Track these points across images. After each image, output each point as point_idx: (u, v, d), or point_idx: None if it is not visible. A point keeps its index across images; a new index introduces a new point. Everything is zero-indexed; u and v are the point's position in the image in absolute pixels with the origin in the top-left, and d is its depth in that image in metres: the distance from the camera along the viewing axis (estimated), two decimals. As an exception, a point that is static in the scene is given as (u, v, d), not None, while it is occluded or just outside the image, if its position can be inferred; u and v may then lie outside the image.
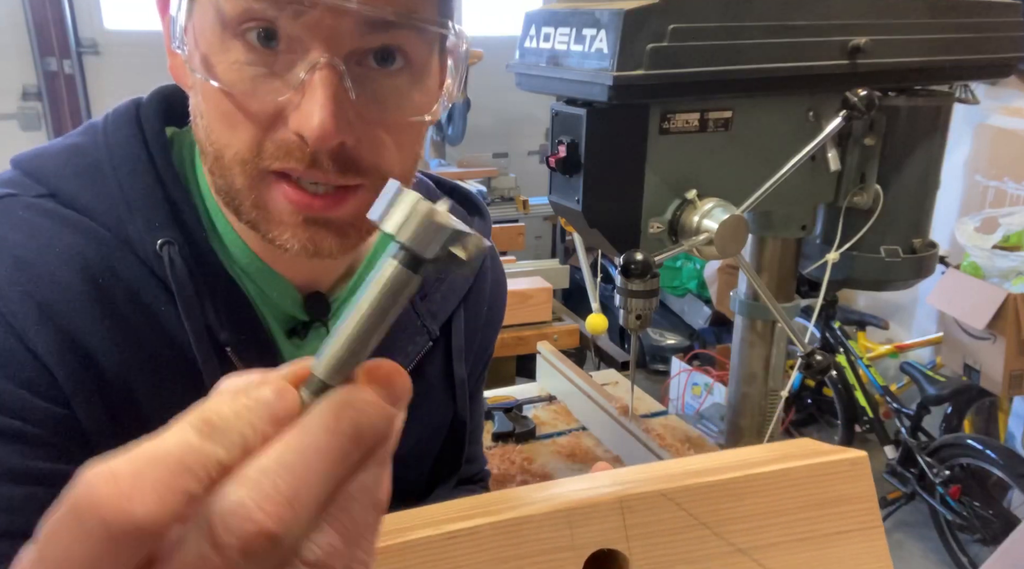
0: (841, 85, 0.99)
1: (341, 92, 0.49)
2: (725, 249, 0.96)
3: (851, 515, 0.48)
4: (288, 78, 0.50)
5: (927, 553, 2.89)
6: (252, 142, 0.51)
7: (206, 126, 0.54)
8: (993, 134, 3.13)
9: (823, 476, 0.48)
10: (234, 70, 0.50)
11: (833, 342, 3.06)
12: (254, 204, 0.54)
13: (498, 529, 0.45)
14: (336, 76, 0.49)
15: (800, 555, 0.48)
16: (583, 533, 0.46)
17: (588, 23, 0.91)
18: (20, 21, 3.94)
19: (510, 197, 3.85)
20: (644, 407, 1.60)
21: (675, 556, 0.47)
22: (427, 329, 0.72)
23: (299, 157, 0.51)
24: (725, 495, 0.47)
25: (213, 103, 0.52)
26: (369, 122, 0.52)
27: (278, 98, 0.50)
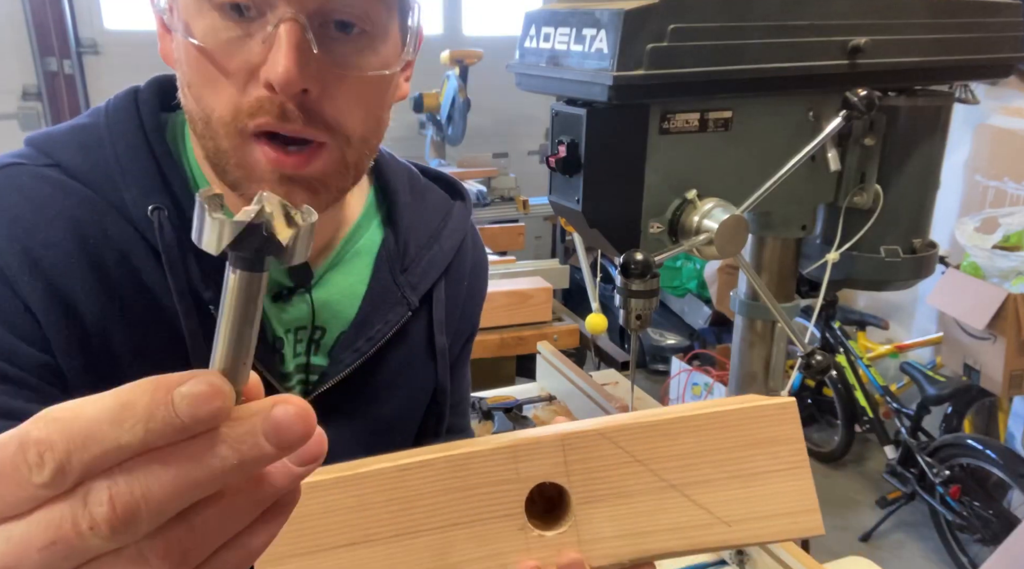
0: (841, 85, 0.99)
1: (304, 44, 0.54)
2: (725, 249, 0.96)
3: (780, 455, 0.51)
4: (258, 37, 0.55)
5: (927, 553, 2.89)
6: (231, 103, 0.56)
7: (195, 94, 0.59)
8: (993, 134, 3.13)
9: (753, 419, 0.51)
10: (211, 34, 0.55)
11: (833, 342, 3.06)
12: (237, 164, 0.59)
13: (449, 462, 0.48)
14: (299, 29, 0.54)
15: (729, 491, 0.50)
16: (527, 467, 0.49)
17: (588, 23, 0.91)
18: (20, 21, 3.94)
19: (510, 197, 3.85)
20: (644, 407, 1.60)
21: (611, 489, 0.50)
22: (407, 300, 0.76)
23: (269, 110, 0.56)
24: (659, 434, 0.50)
25: (197, 69, 0.57)
26: (331, 77, 0.57)
27: (250, 56, 0.55)
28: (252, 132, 0.57)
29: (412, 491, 0.48)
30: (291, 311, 0.71)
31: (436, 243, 0.80)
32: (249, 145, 0.58)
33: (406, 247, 0.78)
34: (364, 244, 0.77)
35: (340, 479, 0.47)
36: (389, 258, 0.76)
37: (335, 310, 0.74)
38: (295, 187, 0.59)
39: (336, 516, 0.47)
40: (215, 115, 0.57)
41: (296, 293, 0.71)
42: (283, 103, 0.55)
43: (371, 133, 0.63)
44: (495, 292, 2.09)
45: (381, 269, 0.76)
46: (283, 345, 0.71)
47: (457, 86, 3.75)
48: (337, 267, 0.75)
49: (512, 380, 2.19)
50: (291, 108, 0.56)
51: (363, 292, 0.75)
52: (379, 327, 0.74)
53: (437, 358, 0.81)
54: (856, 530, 3.00)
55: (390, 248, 0.77)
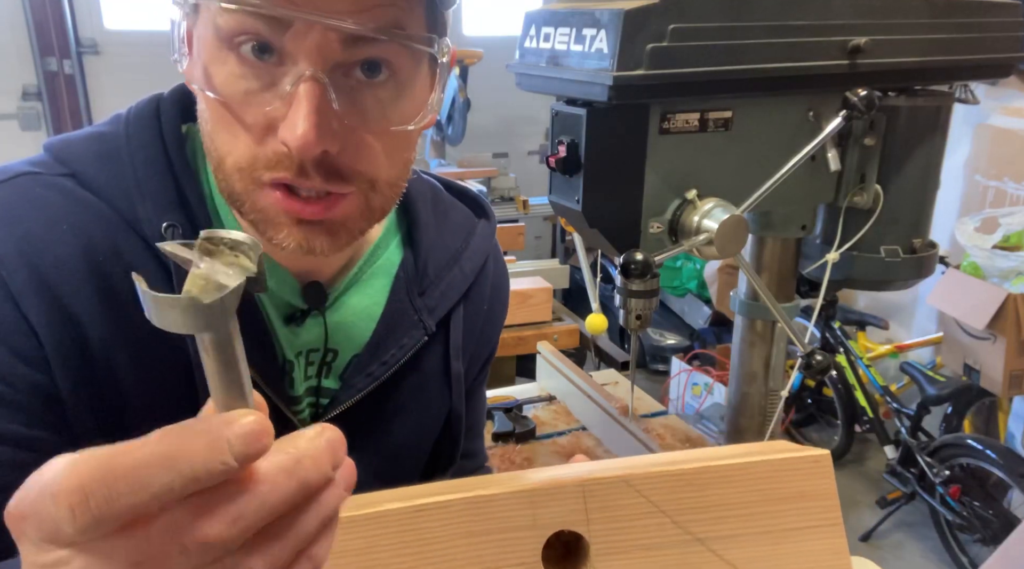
0: (841, 85, 0.99)
1: (324, 103, 0.52)
2: (725, 249, 0.96)
3: (812, 512, 0.49)
4: (277, 90, 0.53)
5: (927, 553, 2.89)
6: (247, 152, 0.55)
7: (210, 133, 0.57)
8: (993, 134, 3.13)
9: (785, 471, 0.49)
10: (230, 82, 0.53)
11: (833, 342, 3.06)
12: (252, 207, 0.57)
13: (465, 505, 0.46)
14: (319, 88, 0.52)
15: (758, 548, 0.48)
16: (545, 514, 0.47)
17: (588, 23, 0.91)
18: (20, 21, 3.94)
19: (510, 197, 3.85)
20: (644, 407, 1.60)
21: (633, 541, 0.47)
22: (423, 324, 0.74)
23: (288, 166, 0.54)
24: (686, 485, 0.48)
25: (214, 112, 0.55)
26: (353, 130, 0.55)
27: (267, 110, 0.53)
28: (268, 182, 0.56)
29: (425, 534, 0.46)
30: (303, 335, 0.69)
31: (456, 265, 0.78)
32: (264, 191, 0.56)
33: (425, 269, 0.75)
34: (382, 265, 0.74)
35: (350, 519, 0.45)
36: (407, 280, 0.74)
37: (349, 333, 0.72)
38: (315, 231, 0.57)
39: (343, 559, 0.44)
40: (230, 160, 0.56)
41: (310, 315, 0.69)
42: (302, 162, 0.54)
43: (398, 177, 0.61)
44: (495, 292, 2.09)
45: (398, 291, 0.74)
46: (293, 368, 0.69)
47: (457, 86, 3.75)
48: (354, 288, 0.72)
49: (512, 380, 2.19)
50: (309, 167, 0.54)
51: (379, 314, 0.73)
52: (394, 351, 0.72)
53: (452, 384, 0.79)
54: (856, 530, 3.00)
55: (408, 270, 0.75)
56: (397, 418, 0.76)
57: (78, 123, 4.05)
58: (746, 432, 1.31)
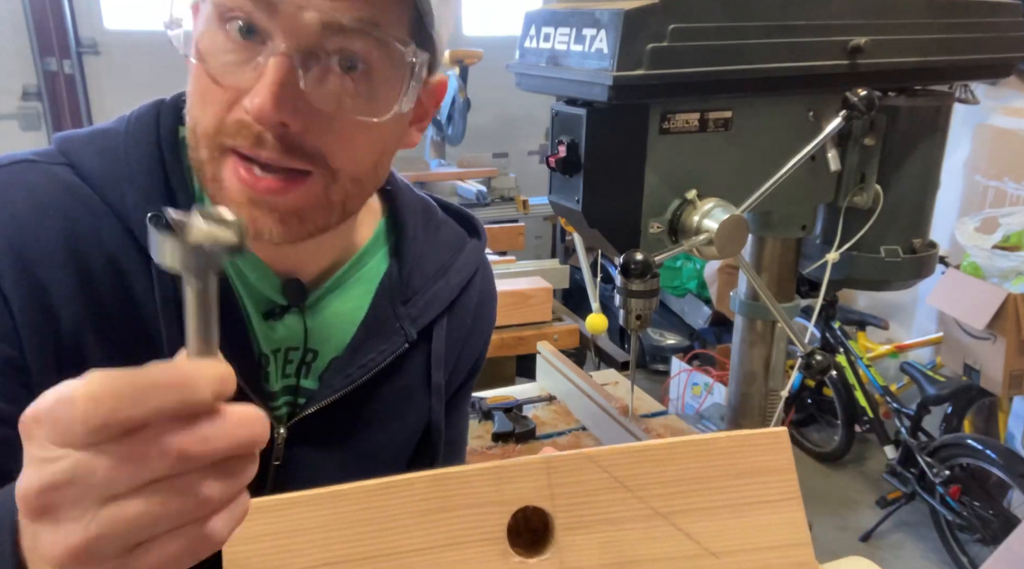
0: (841, 85, 0.99)
1: (290, 79, 0.55)
2: (725, 249, 0.96)
3: (770, 485, 0.50)
4: (252, 64, 0.56)
5: (927, 553, 2.89)
6: (216, 118, 0.58)
7: (190, 104, 0.60)
8: (993, 134, 3.13)
9: (744, 447, 0.50)
10: (212, 54, 0.57)
11: (833, 342, 3.06)
12: (212, 177, 0.59)
13: (430, 481, 0.47)
14: (288, 64, 0.55)
15: (719, 521, 0.49)
16: (510, 489, 0.48)
17: (588, 23, 0.91)
18: (20, 21, 3.94)
19: (510, 197, 3.85)
20: (644, 407, 1.60)
21: (596, 516, 0.48)
22: (404, 332, 0.76)
23: (246, 135, 0.56)
24: (648, 460, 0.49)
25: (195, 82, 0.59)
26: (318, 112, 0.57)
27: (240, 80, 0.56)
28: (228, 148, 0.58)
29: (390, 511, 0.46)
30: (280, 330, 0.71)
31: (443, 277, 0.79)
32: (224, 158, 0.58)
33: (410, 279, 0.77)
34: (367, 272, 0.76)
35: (315, 496, 0.46)
36: (391, 288, 0.76)
37: (329, 334, 0.73)
38: (265, 214, 0.59)
39: (308, 534, 0.45)
40: (200, 126, 0.59)
41: (289, 312, 0.71)
42: (261, 131, 0.56)
43: (364, 175, 0.63)
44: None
45: (381, 298, 0.75)
46: (269, 363, 0.71)
47: (457, 86, 3.75)
48: (337, 291, 0.74)
49: (512, 380, 2.19)
50: (268, 137, 0.56)
51: (360, 319, 0.74)
52: (373, 356, 0.74)
53: (432, 394, 0.80)
54: (856, 530, 3.00)
55: (393, 278, 0.76)
56: (376, 423, 0.77)
57: (78, 123, 4.05)
58: (746, 432, 1.31)
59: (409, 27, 0.58)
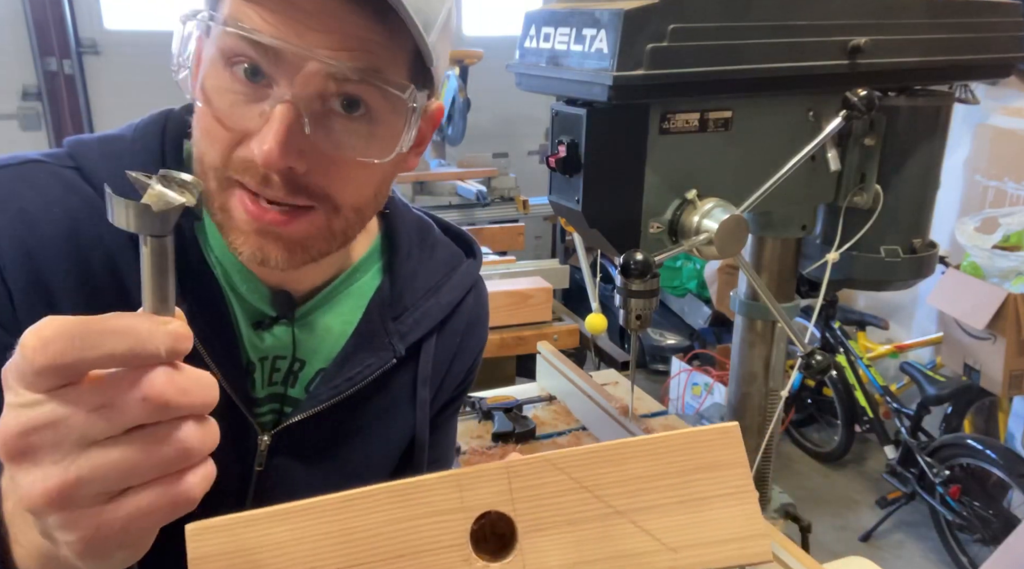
0: (841, 85, 0.99)
1: (296, 126, 0.57)
2: (725, 249, 0.96)
3: (724, 480, 0.51)
4: (258, 107, 0.59)
5: (927, 553, 2.89)
6: (222, 154, 0.60)
7: (196, 136, 0.63)
8: (993, 134, 3.13)
9: (696, 443, 0.51)
10: (219, 94, 0.59)
11: (833, 342, 3.06)
12: (220, 207, 0.62)
13: (391, 492, 0.48)
14: (293, 112, 0.57)
15: (676, 517, 0.50)
16: (471, 496, 0.49)
17: (588, 23, 0.91)
18: (20, 21, 3.94)
19: (510, 197, 3.85)
20: (644, 407, 1.60)
21: (558, 517, 0.49)
22: (393, 347, 0.77)
23: (253, 174, 0.59)
24: (605, 461, 0.50)
25: (202, 118, 0.62)
26: (322, 155, 0.60)
27: (247, 121, 0.59)
28: (235, 181, 0.61)
29: (354, 523, 0.47)
30: (268, 339, 0.72)
31: (434, 296, 0.81)
32: (232, 190, 0.61)
33: (401, 296, 0.78)
34: (359, 287, 0.78)
35: (280, 511, 0.46)
36: (381, 304, 0.77)
37: (318, 345, 0.75)
38: (272, 242, 0.62)
39: (275, 550, 0.46)
40: (207, 159, 0.61)
41: (278, 323, 0.72)
42: (267, 173, 0.59)
43: (365, 205, 0.66)
44: (495, 292, 2.09)
45: (372, 313, 0.77)
46: (255, 370, 0.72)
47: (457, 86, 3.75)
48: (328, 305, 0.76)
49: (512, 380, 2.19)
50: (275, 178, 0.59)
51: (350, 332, 0.76)
52: (360, 369, 0.75)
53: (417, 411, 0.82)
54: (856, 530, 3.00)
55: (384, 295, 0.78)
56: (360, 437, 0.78)
57: (78, 123, 4.04)
58: (746, 432, 1.31)
59: (409, 69, 0.61)
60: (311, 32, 0.56)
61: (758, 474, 1.27)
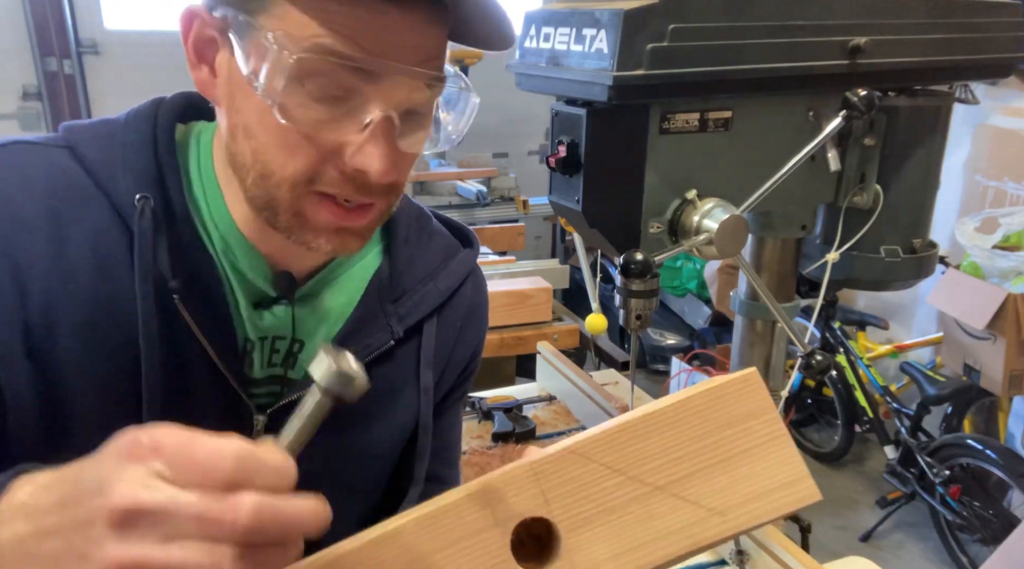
0: (841, 85, 0.99)
1: (394, 138, 0.61)
2: (725, 249, 0.96)
3: (754, 430, 0.49)
4: (350, 122, 0.60)
5: (927, 553, 2.89)
6: (309, 169, 0.62)
7: (256, 148, 0.63)
8: (993, 134, 3.13)
9: (718, 399, 0.49)
10: (300, 111, 0.59)
11: (833, 342, 3.06)
12: (294, 215, 0.64)
13: (420, 525, 0.45)
14: (392, 127, 0.61)
15: (715, 479, 0.48)
16: (503, 508, 0.46)
17: (588, 23, 0.91)
18: (20, 21, 3.94)
19: (510, 197, 3.85)
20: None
21: (596, 508, 0.47)
22: (391, 329, 0.77)
23: (350, 185, 0.62)
24: (630, 438, 0.48)
25: (273, 130, 0.61)
26: (400, 159, 0.64)
27: (341, 135, 0.60)
28: (318, 191, 0.63)
29: (386, 565, 0.45)
30: (268, 319, 0.72)
31: (432, 281, 0.82)
32: (309, 200, 0.63)
33: (400, 279, 0.79)
34: (359, 269, 0.78)
35: (309, 565, 0.44)
36: (380, 286, 0.78)
37: (317, 325, 0.75)
38: (348, 235, 0.66)
39: None
40: (284, 173, 0.62)
41: (278, 303, 0.73)
42: (368, 184, 0.62)
43: (404, 186, 0.71)
44: (495, 292, 2.09)
45: (371, 295, 0.78)
46: (254, 349, 0.72)
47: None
48: (328, 286, 0.76)
49: (512, 380, 2.19)
50: (374, 185, 0.62)
51: (348, 314, 0.76)
52: (358, 349, 0.75)
53: (421, 394, 0.81)
54: (856, 530, 3.00)
55: (383, 277, 0.79)
56: (361, 420, 0.78)
57: (78, 123, 4.04)
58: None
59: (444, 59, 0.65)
60: (399, 50, 0.59)
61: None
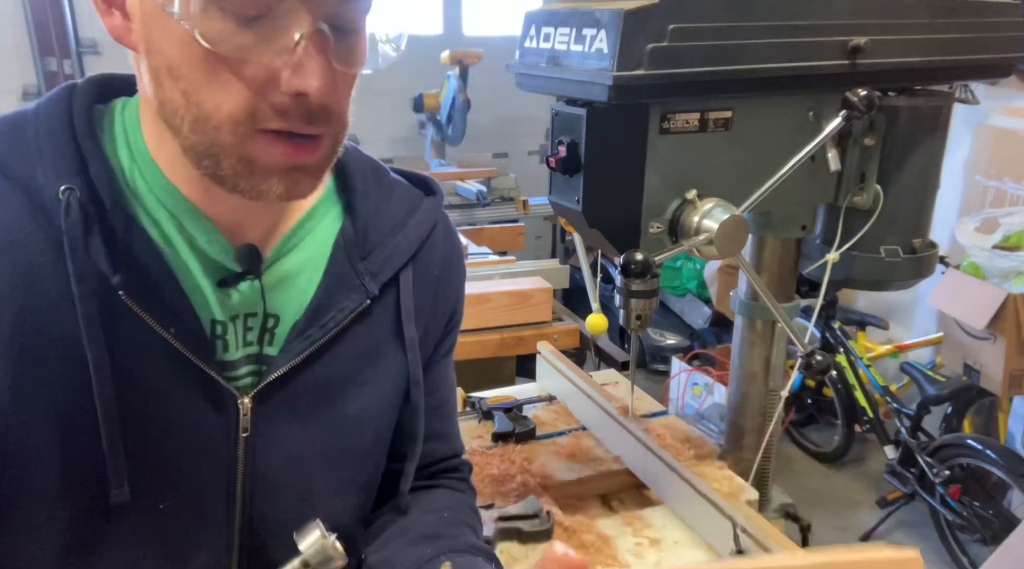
0: (841, 85, 0.99)
1: (326, 53, 0.57)
2: (725, 249, 0.96)
3: None
4: (278, 44, 0.56)
5: (927, 553, 2.89)
6: (246, 104, 0.57)
7: (186, 88, 0.58)
8: (993, 134, 3.13)
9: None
10: (223, 38, 0.55)
11: (833, 342, 3.06)
12: (240, 159, 0.59)
13: None
14: (325, 40, 0.57)
15: None
16: None
17: (588, 23, 0.91)
18: (20, 21, 3.94)
19: (510, 197, 3.85)
20: (644, 407, 1.60)
21: None
22: (365, 288, 0.74)
23: (295, 114, 0.58)
24: None
25: (199, 64, 0.56)
26: (338, 78, 0.60)
27: (270, 63, 0.56)
28: (265, 130, 0.58)
29: None
30: (235, 296, 0.69)
31: (401, 232, 0.78)
32: (255, 142, 0.59)
33: (366, 234, 0.76)
34: (321, 232, 0.74)
35: None
36: (347, 245, 0.74)
37: (288, 297, 0.72)
38: (300, 175, 0.61)
39: None
40: (221, 113, 0.57)
41: (244, 279, 0.69)
42: (310, 107, 0.58)
43: (348, 121, 0.66)
44: (495, 292, 2.09)
45: (338, 256, 0.74)
46: (226, 331, 0.69)
47: (457, 86, 3.75)
48: (291, 253, 0.72)
49: (512, 380, 2.19)
50: (316, 112, 0.59)
51: (318, 279, 0.73)
52: (333, 314, 0.72)
53: (407, 349, 0.78)
54: (856, 530, 3.00)
55: (348, 236, 0.75)
56: (350, 387, 0.75)
57: (78, 123, 4.04)
58: (746, 432, 1.31)
59: None
60: None
61: (758, 474, 1.27)
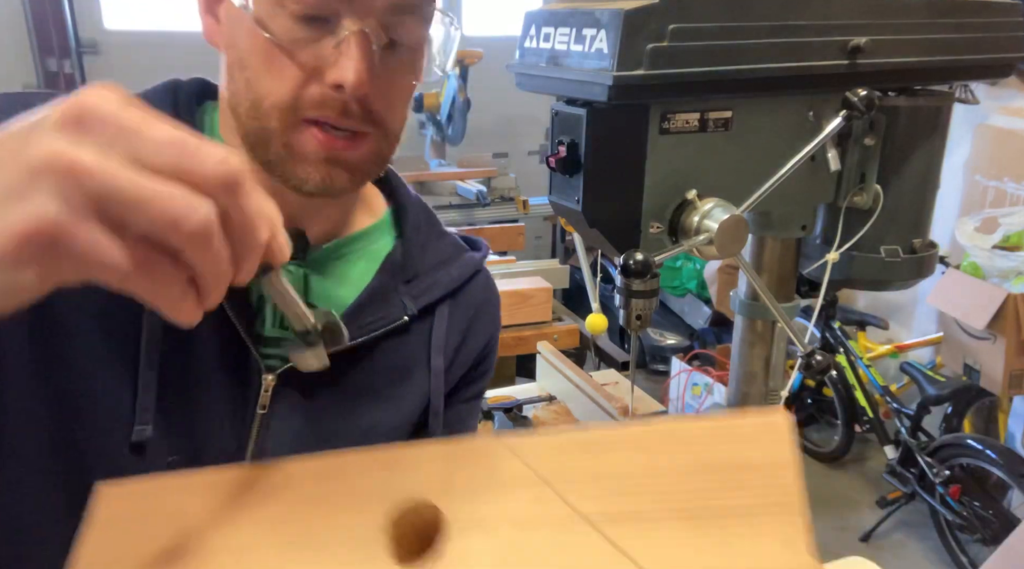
0: (841, 85, 0.99)
1: (370, 53, 0.62)
2: (725, 249, 0.96)
3: (755, 486, 0.34)
4: (326, 41, 0.62)
5: (927, 553, 2.89)
6: (291, 93, 0.63)
7: (247, 78, 0.64)
8: (993, 134, 3.13)
9: (724, 436, 0.36)
10: (283, 32, 0.62)
11: (833, 342, 3.06)
12: (284, 144, 0.64)
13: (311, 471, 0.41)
14: (367, 40, 0.62)
15: (668, 533, 0.34)
16: (398, 480, 0.38)
17: (588, 23, 0.91)
18: (20, 21, 3.94)
19: (510, 197, 3.85)
20: (644, 407, 1.60)
21: (500, 515, 0.37)
22: (404, 306, 0.78)
23: (333, 105, 0.63)
24: (579, 449, 0.36)
25: (260, 53, 0.63)
26: (382, 81, 0.64)
27: (320, 56, 0.62)
28: (306, 119, 0.64)
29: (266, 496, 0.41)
30: None
31: (444, 268, 0.83)
32: (298, 128, 0.64)
33: (413, 262, 0.80)
34: (373, 250, 0.79)
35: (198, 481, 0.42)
36: (394, 266, 0.79)
37: (330, 294, 0.75)
38: (338, 169, 0.66)
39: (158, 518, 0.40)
40: (271, 99, 0.63)
41: (291, 262, 0.71)
42: (347, 102, 0.63)
43: (399, 131, 0.70)
44: (495, 292, 2.09)
45: (385, 273, 0.78)
46: (264, 307, 0.72)
47: (457, 86, 3.75)
48: (342, 259, 0.77)
49: (512, 380, 2.19)
50: (354, 108, 0.63)
51: (363, 287, 0.77)
52: (371, 320, 0.75)
53: (432, 377, 0.81)
54: (856, 530, 3.00)
55: (396, 258, 0.80)
56: (370, 396, 0.77)
57: (78, 123, 4.04)
58: (746, 432, 1.30)
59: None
60: None
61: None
